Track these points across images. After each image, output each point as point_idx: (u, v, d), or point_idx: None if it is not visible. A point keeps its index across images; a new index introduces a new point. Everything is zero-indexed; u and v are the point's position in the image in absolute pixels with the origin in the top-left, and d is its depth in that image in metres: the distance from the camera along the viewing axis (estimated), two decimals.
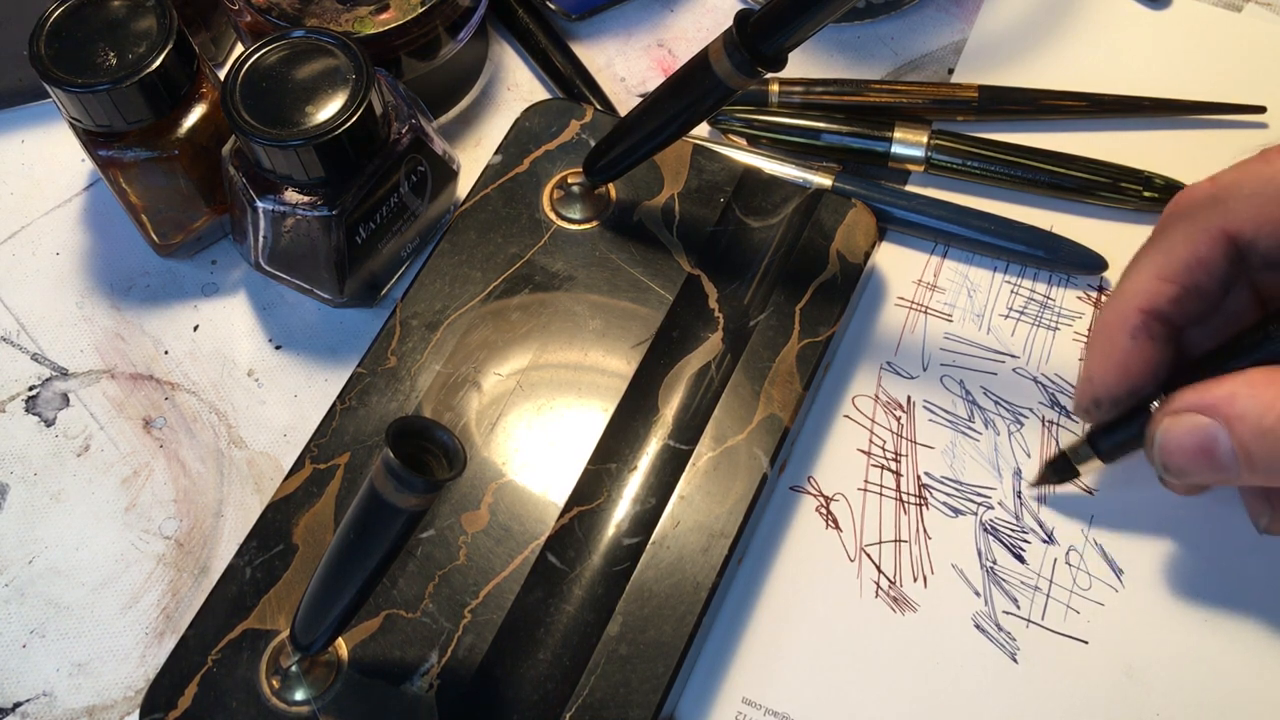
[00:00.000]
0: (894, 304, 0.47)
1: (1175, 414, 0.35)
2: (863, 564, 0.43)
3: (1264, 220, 0.35)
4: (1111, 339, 0.37)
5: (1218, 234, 0.35)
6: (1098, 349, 0.38)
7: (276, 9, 0.47)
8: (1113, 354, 0.37)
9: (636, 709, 0.38)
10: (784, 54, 0.39)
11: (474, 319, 0.44)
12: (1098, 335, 0.38)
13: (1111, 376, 0.37)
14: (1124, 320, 0.37)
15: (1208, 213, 0.36)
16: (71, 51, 0.42)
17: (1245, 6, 0.53)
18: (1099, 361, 0.38)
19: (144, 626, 0.43)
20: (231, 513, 0.45)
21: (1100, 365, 0.38)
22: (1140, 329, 0.37)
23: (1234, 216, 0.35)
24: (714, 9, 0.55)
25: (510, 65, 0.54)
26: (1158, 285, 0.36)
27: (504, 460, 0.42)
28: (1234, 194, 0.35)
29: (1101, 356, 0.37)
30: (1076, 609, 0.42)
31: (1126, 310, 0.37)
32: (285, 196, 0.43)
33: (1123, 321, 0.37)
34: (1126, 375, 0.37)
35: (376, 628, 0.39)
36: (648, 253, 0.45)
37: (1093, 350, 0.38)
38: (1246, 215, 0.35)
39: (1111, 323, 0.37)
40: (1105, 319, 0.37)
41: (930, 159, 0.49)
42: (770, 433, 0.42)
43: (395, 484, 0.30)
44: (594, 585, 0.40)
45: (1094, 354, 0.38)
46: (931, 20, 0.54)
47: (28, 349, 0.48)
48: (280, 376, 0.47)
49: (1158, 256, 0.37)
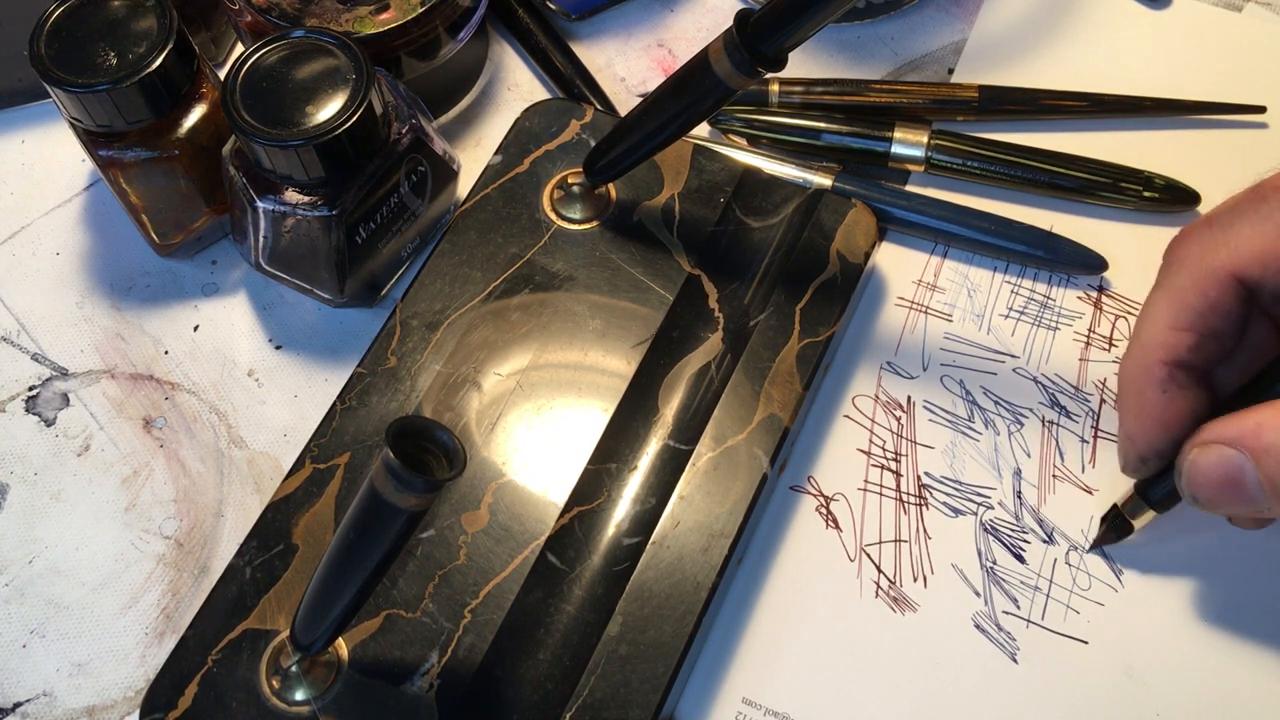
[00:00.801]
0: (894, 304, 0.47)
1: (1203, 445, 0.35)
2: (863, 564, 0.43)
3: (1269, 258, 0.35)
4: (1142, 395, 0.37)
5: (1225, 277, 0.35)
6: (1131, 407, 0.37)
7: (276, 9, 0.47)
8: (1147, 410, 0.37)
9: (636, 709, 0.38)
10: (784, 54, 0.39)
11: (474, 319, 0.44)
12: (1127, 393, 0.38)
13: (1151, 433, 0.37)
14: (1150, 375, 0.37)
15: (1211, 256, 0.35)
16: (71, 51, 0.42)
17: (1245, 6, 0.53)
18: (1135, 419, 0.37)
19: (144, 626, 0.43)
20: (231, 513, 0.45)
21: (1137, 423, 0.37)
22: (1168, 381, 0.36)
23: (1238, 258, 0.35)
24: (714, 9, 0.55)
25: (510, 65, 0.54)
26: (1175, 336, 0.36)
27: (504, 460, 0.42)
28: (1234, 235, 0.35)
29: (1136, 414, 0.37)
30: (1076, 609, 0.42)
31: (1150, 365, 0.37)
32: (285, 196, 0.43)
33: (1148, 376, 0.37)
34: (1166, 429, 0.37)
35: (376, 628, 0.39)
36: (648, 253, 0.45)
37: (1125, 409, 0.38)
38: (1251, 255, 0.35)
39: (1138, 379, 0.37)
40: (1130, 375, 0.37)
41: (930, 159, 0.49)
42: (770, 433, 0.42)
43: (395, 484, 0.30)
44: (594, 585, 0.40)
45: (1128, 412, 0.38)
46: (931, 20, 0.54)
47: (28, 349, 0.48)
48: (280, 376, 0.47)
49: (1169, 306, 0.36)
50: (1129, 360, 0.37)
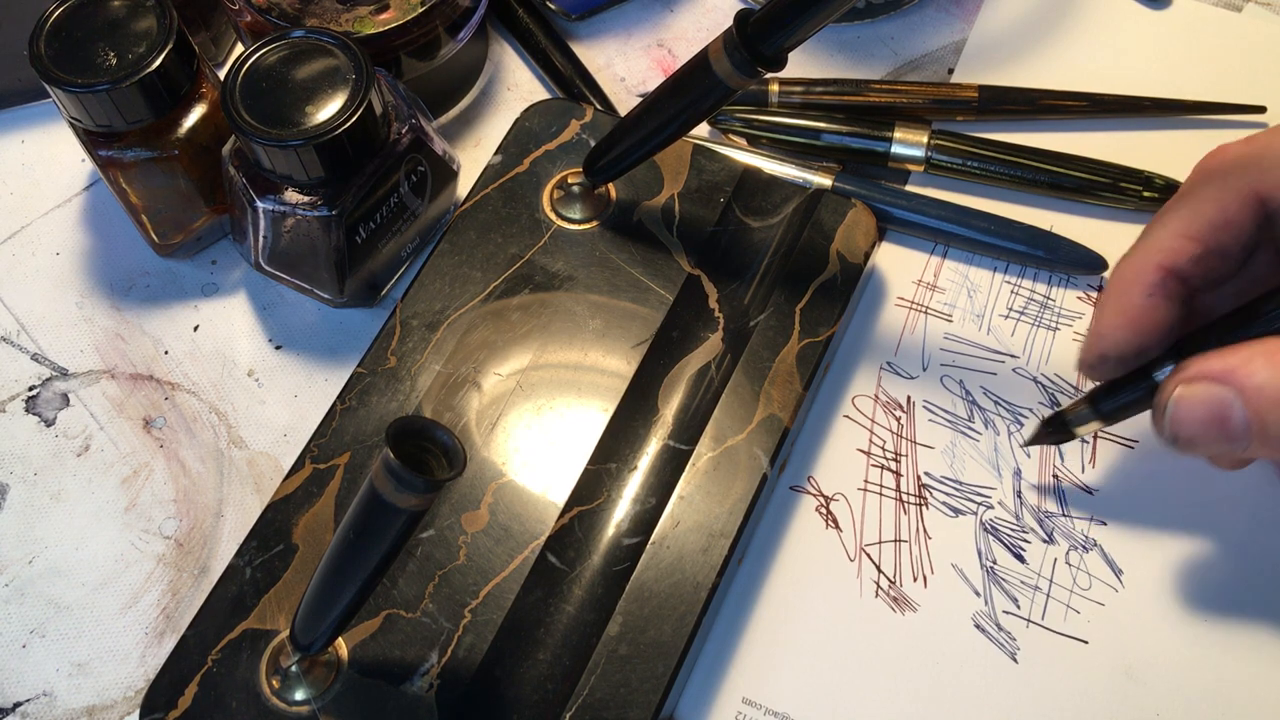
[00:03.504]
0: (894, 304, 0.47)
1: (1189, 381, 0.33)
2: (863, 564, 0.43)
3: None
4: (1127, 294, 0.36)
5: (1249, 195, 0.34)
6: (1111, 304, 0.36)
7: (276, 9, 0.47)
8: (1127, 310, 0.36)
9: (636, 709, 0.38)
10: (784, 54, 0.39)
11: (474, 319, 0.44)
12: (1112, 289, 0.36)
13: (1122, 333, 0.36)
14: (1142, 276, 0.35)
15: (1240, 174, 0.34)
16: (71, 51, 0.42)
17: (1245, 6, 0.53)
18: (1111, 317, 0.36)
19: (144, 626, 0.43)
20: (231, 513, 0.45)
21: (1112, 321, 0.36)
22: (1158, 286, 0.35)
23: (1268, 179, 0.34)
24: (714, 9, 0.55)
25: (510, 65, 0.54)
26: (1181, 243, 0.35)
27: (504, 460, 0.42)
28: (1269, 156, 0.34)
29: (1114, 312, 0.36)
30: (1076, 609, 0.42)
31: (1145, 266, 0.35)
32: (285, 196, 0.43)
33: (1140, 277, 0.35)
34: (1138, 333, 0.36)
35: (376, 628, 0.39)
36: (648, 253, 0.45)
37: (1105, 304, 0.36)
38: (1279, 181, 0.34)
39: (1128, 277, 0.36)
40: (1122, 273, 0.36)
41: (930, 159, 0.49)
42: (770, 433, 0.42)
43: (395, 484, 0.30)
44: (594, 585, 0.40)
45: (1107, 309, 0.36)
46: (931, 20, 0.54)
47: (28, 349, 0.48)
48: (280, 376, 0.47)
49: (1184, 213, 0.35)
50: (1127, 258, 0.36)
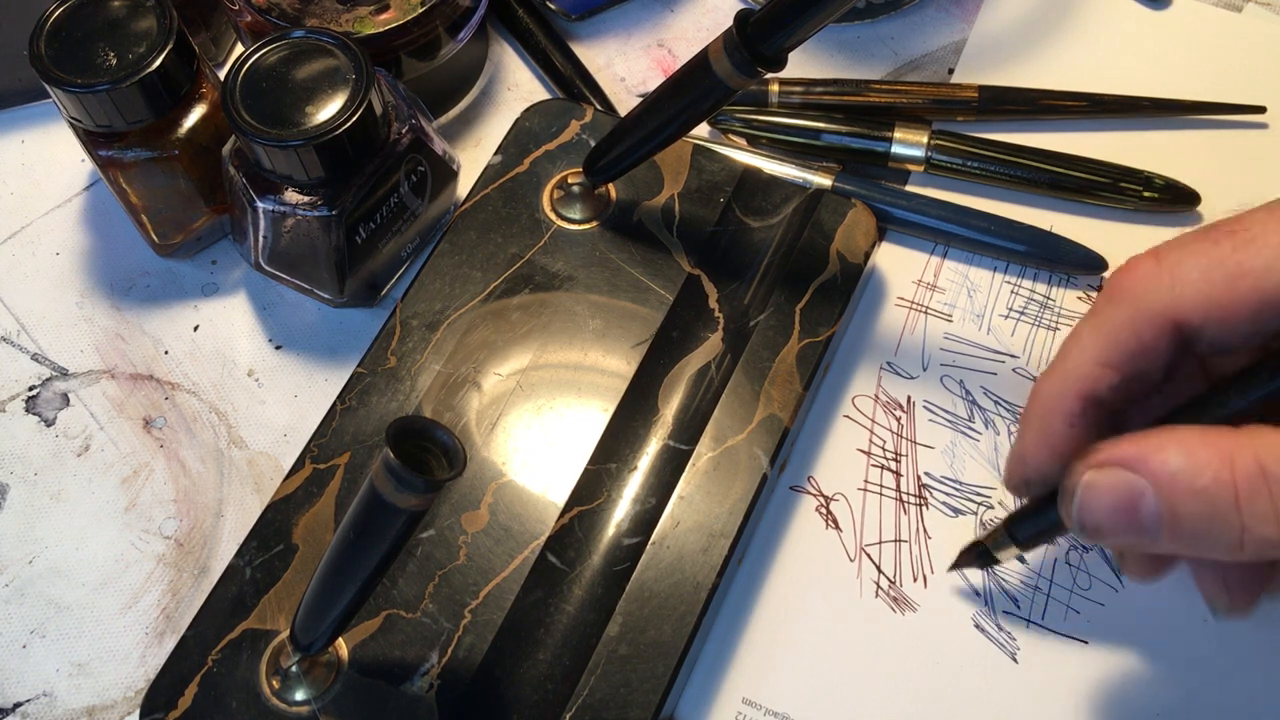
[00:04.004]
0: (894, 304, 0.47)
1: (1099, 465, 0.32)
2: (863, 564, 0.43)
3: (1212, 308, 0.33)
4: (1048, 422, 0.35)
5: (1164, 322, 0.33)
6: (1033, 429, 0.36)
7: (276, 9, 0.47)
8: (1048, 437, 0.35)
9: (636, 709, 0.38)
10: (784, 54, 0.39)
11: (474, 319, 0.44)
12: (1033, 413, 0.36)
13: (1044, 458, 0.35)
14: (1062, 404, 0.35)
15: (1153, 297, 0.33)
16: (71, 51, 0.42)
17: (1245, 6, 0.53)
18: (1032, 444, 0.36)
19: (144, 626, 0.43)
20: (231, 513, 0.45)
21: (1034, 447, 0.36)
22: (1078, 416, 0.35)
23: (1181, 303, 0.33)
24: (714, 9, 0.55)
25: (510, 65, 0.54)
26: (1099, 371, 0.34)
27: (504, 460, 0.42)
28: (1181, 277, 0.33)
29: (1035, 438, 0.36)
30: (1076, 609, 0.42)
31: (1066, 393, 0.35)
32: (285, 196, 0.43)
33: (1060, 406, 0.35)
34: (1060, 460, 0.35)
35: (376, 628, 0.39)
36: (648, 253, 0.45)
37: (1027, 428, 0.36)
38: (1195, 302, 0.33)
39: (1049, 404, 0.35)
40: (1043, 398, 0.36)
41: (930, 159, 0.49)
42: (770, 433, 0.42)
43: (395, 484, 0.30)
44: (594, 585, 0.40)
45: (1028, 433, 0.36)
46: (931, 20, 0.54)
47: (28, 349, 0.48)
48: (280, 376, 0.47)
49: (1100, 339, 0.34)
50: (1046, 381, 0.36)
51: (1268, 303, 0.32)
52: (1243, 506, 0.30)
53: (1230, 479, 0.30)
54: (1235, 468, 0.30)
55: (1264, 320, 0.32)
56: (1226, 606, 0.36)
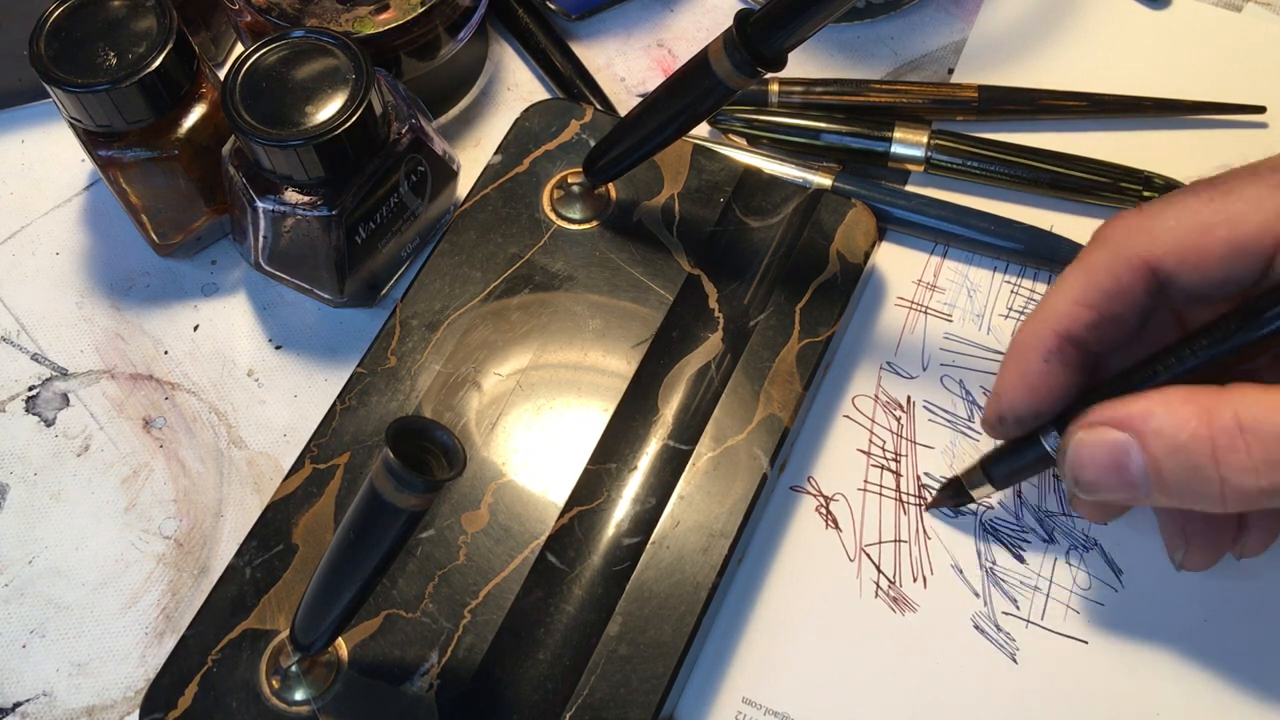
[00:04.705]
0: (894, 304, 0.47)
1: (1089, 427, 0.34)
2: (863, 564, 0.43)
3: (1186, 252, 0.34)
4: (1025, 358, 0.37)
5: (1139, 264, 0.35)
6: (1010, 367, 0.37)
7: (276, 9, 0.47)
8: (1024, 374, 0.37)
9: (636, 709, 0.38)
10: (784, 54, 0.39)
11: (474, 319, 0.44)
12: (1012, 352, 0.37)
13: (1020, 396, 0.37)
14: (1039, 341, 0.36)
15: (1131, 241, 0.35)
16: (71, 51, 0.42)
17: (1245, 6, 0.53)
18: (1009, 380, 0.37)
19: (144, 626, 0.43)
20: (231, 513, 0.45)
21: (1010, 384, 0.37)
22: (1054, 353, 0.36)
23: (1157, 247, 0.35)
24: (714, 9, 0.55)
25: (510, 65, 0.54)
26: (1075, 310, 0.36)
27: (504, 460, 0.42)
28: (1159, 224, 0.35)
29: (1012, 375, 0.37)
30: (1076, 609, 0.42)
31: (1043, 331, 0.36)
32: (285, 196, 0.43)
33: (1038, 343, 0.36)
34: (1034, 397, 0.37)
35: (376, 628, 0.39)
36: (648, 253, 0.45)
37: (1005, 367, 0.38)
38: (1169, 246, 0.35)
39: (1027, 342, 0.37)
40: (1021, 337, 0.37)
41: (930, 159, 0.49)
42: (770, 433, 0.42)
43: (395, 484, 0.30)
44: (594, 585, 0.40)
45: (1006, 371, 0.38)
46: (931, 20, 0.54)
47: (28, 349, 0.48)
48: (280, 376, 0.47)
49: (1080, 280, 0.36)
50: (1027, 321, 0.37)
51: (1239, 250, 0.34)
52: (1220, 459, 0.32)
53: (1209, 434, 0.32)
54: (1213, 423, 0.32)
55: (1236, 268, 0.34)
56: (1183, 559, 0.39)
